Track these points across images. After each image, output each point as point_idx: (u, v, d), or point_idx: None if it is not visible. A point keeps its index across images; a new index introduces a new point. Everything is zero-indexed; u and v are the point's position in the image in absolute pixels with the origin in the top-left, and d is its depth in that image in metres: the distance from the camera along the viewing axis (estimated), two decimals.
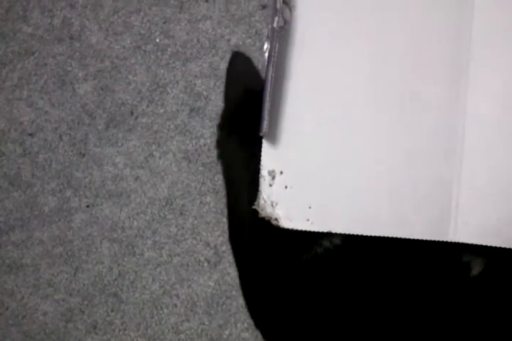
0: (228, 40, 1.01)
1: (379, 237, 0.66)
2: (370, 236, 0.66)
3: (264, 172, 0.68)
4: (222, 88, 1.01)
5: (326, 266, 0.69)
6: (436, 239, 0.68)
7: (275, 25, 0.66)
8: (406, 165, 0.69)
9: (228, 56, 1.01)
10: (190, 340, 1.04)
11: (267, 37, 0.67)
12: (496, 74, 0.67)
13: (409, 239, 0.66)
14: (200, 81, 1.02)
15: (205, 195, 1.02)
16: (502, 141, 0.67)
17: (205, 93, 1.02)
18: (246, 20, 1.00)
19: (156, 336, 1.03)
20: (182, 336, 1.04)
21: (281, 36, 0.67)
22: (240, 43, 1.00)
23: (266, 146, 0.68)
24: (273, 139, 0.68)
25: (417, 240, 0.67)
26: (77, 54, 1.08)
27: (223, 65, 1.01)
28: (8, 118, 1.10)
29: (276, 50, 0.65)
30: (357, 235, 0.67)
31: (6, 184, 1.11)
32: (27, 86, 1.10)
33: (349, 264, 0.69)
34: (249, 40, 1.00)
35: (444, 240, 0.67)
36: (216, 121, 1.01)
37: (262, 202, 0.68)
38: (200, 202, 1.03)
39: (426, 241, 0.67)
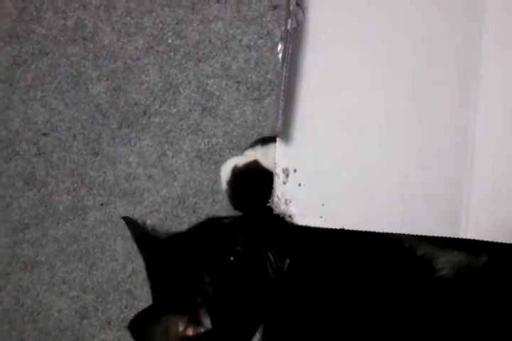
0: (240, 41, 1.02)
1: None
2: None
3: (278, 170, 0.69)
4: (234, 88, 1.02)
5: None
6: (448, 236, 0.69)
7: (289, 26, 0.67)
8: (417, 164, 0.70)
9: (240, 56, 1.02)
10: None
11: (281, 38, 0.69)
12: (507, 74, 0.67)
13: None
14: (212, 81, 1.03)
15: (217, 193, 1.03)
16: None
17: (217, 93, 1.03)
18: (257, 21, 1.01)
19: None
20: None
21: (295, 37, 0.68)
22: (252, 44, 1.01)
23: (280, 145, 0.69)
24: (287, 138, 0.69)
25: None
26: (90, 55, 1.09)
27: (235, 65, 1.02)
28: (22, 118, 1.12)
29: (290, 51, 0.67)
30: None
31: (21, 183, 1.12)
32: (41, 86, 1.11)
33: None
34: (261, 41, 1.01)
35: (455, 237, 0.68)
36: (228, 121, 1.03)
37: (276, 199, 0.69)
38: (213, 200, 1.04)
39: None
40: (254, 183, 0.78)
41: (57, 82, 1.10)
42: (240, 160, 0.82)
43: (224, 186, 0.84)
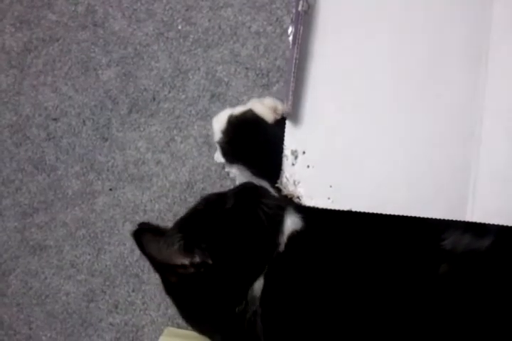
0: (249, 27, 1.02)
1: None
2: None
3: (287, 151, 0.70)
4: (243, 74, 1.03)
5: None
6: (454, 219, 0.69)
7: (300, 9, 0.67)
8: (425, 148, 0.70)
9: (249, 43, 1.03)
10: None
11: (291, 21, 0.69)
12: None
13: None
14: (221, 67, 1.04)
15: (224, 178, 1.04)
16: None
17: (225, 79, 1.04)
18: (267, 8, 1.01)
19: (176, 316, 1.05)
20: None
21: (305, 20, 0.69)
22: (261, 30, 1.02)
23: (289, 126, 0.70)
24: (296, 120, 0.70)
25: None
26: (100, 41, 1.10)
27: (244, 52, 1.03)
28: (32, 104, 1.13)
29: (301, 33, 0.67)
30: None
31: (31, 167, 1.13)
32: (51, 72, 1.12)
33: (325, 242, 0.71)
34: (270, 28, 1.01)
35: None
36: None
37: (284, 180, 0.70)
38: (220, 186, 1.05)
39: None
40: (250, 132, 0.80)
41: (68, 68, 1.11)
42: (235, 110, 0.85)
43: (218, 136, 0.86)
